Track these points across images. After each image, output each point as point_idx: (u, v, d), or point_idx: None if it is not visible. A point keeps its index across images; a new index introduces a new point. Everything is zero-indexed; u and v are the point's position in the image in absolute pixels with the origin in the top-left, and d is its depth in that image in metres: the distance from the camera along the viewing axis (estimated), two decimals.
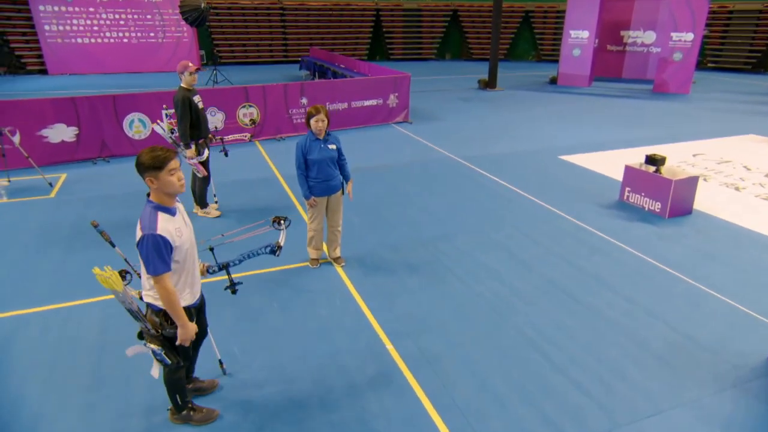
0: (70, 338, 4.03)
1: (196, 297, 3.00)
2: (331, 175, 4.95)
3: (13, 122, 8.14)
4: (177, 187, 2.72)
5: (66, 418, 3.25)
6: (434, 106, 14.02)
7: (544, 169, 8.52)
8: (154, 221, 2.66)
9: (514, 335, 4.17)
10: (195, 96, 6.08)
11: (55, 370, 3.68)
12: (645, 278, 5.08)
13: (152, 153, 2.67)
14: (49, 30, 20.23)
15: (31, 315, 4.32)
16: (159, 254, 2.65)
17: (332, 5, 24.36)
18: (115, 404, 3.36)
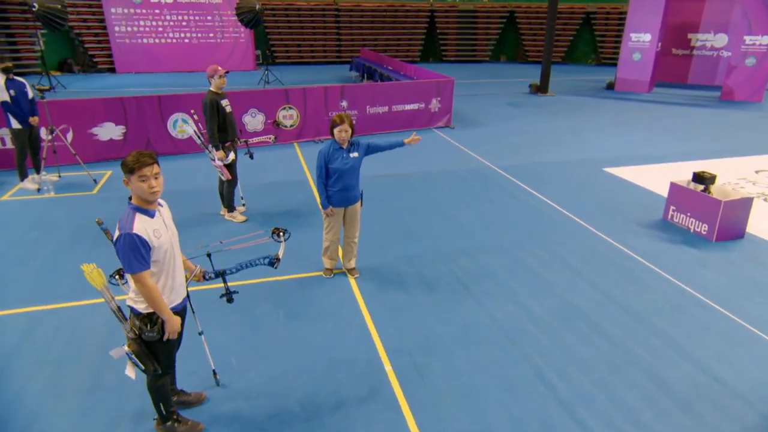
0: (79, 338, 4.15)
1: (174, 303, 2.97)
2: (350, 186, 4.85)
3: (67, 120, 8.61)
4: (146, 194, 2.74)
5: (60, 422, 3.33)
6: (480, 110, 13.67)
7: (585, 181, 8.07)
8: (131, 221, 2.70)
9: (521, 364, 3.92)
10: (223, 100, 6.16)
11: (60, 368, 3.80)
12: (678, 309, 4.66)
13: (132, 156, 2.71)
14: (118, 31, 21.40)
15: (48, 312, 4.51)
16: (135, 252, 2.67)
17: (386, 6, 24.36)
18: (108, 409, 3.41)
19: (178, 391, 3.43)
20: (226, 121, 6.19)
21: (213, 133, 6.08)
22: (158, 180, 2.78)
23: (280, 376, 3.75)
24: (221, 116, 6.11)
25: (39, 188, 7.47)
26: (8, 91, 7.19)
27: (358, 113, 10.81)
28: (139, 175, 2.69)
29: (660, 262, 5.49)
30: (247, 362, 3.89)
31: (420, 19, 24.72)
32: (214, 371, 3.65)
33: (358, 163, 4.81)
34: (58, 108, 8.55)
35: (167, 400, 3.13)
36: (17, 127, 7.36)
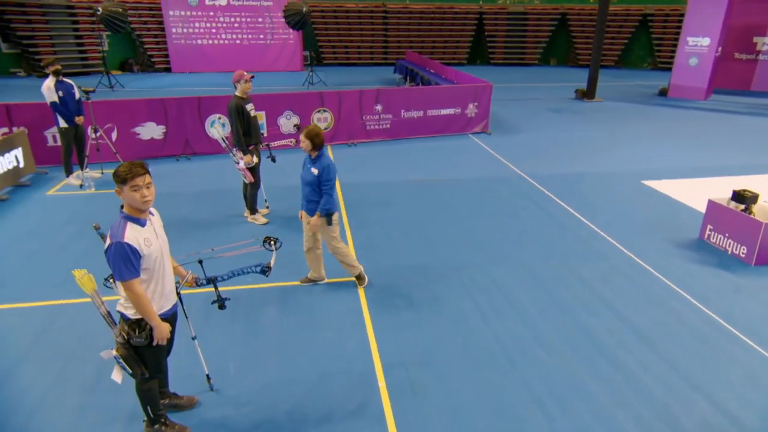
0: (92, 334, 4.34)
1: (163, 309, 3.05)
2: (305, 197, 4.81)
3: (113, 120, 9.07)
4: (138, 203, 2.82)
5: (59, 416, 3.49)
6: (520, 116, 13.34)
7: (619, 195, 7.70)
8: (122, 230, 2.78)
9: (519, 388, 3.78)
10: (248, 104, 6.28)
11: (70, 362, 3.98)
12: (701, 339, 4.36)
13: (124, 167, 2.79)
14: (175, 32, 22.33)
15: (69, 306, 4.74)
16: (125, 261, 2.75)
17: (434, 8, 24.21)
18: (105, 407, 3.54)
19: (171, 394, 3.51)
20: (250, 125, 6.32)
21: (239, 137, 6.21)
22: (150, 189, 2.86)
23: (272, 384, 3.78)
24: (245, 120, 6.24)
25: (82, 184, 7.90)
26: (57, 93, 7.64)
27: (393, 117, 10.78)
28: (132, 185, 2.77)
29: (688, 286, 5.16)
30: (243, 369, 3.94)
31: (468, 21, 24.42)
32: (208, 376, 3.72)
33: (314, 180, 4.66)
34: (105, 108, 9.01)
35: (155, 404, 3.21)
36: (64, 126, 7.81)
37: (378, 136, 10.81)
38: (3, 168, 7.66)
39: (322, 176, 4.61)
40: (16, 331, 4.35)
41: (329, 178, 4.61)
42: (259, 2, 22.23)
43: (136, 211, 2.87)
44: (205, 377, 3.72)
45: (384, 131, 10.83)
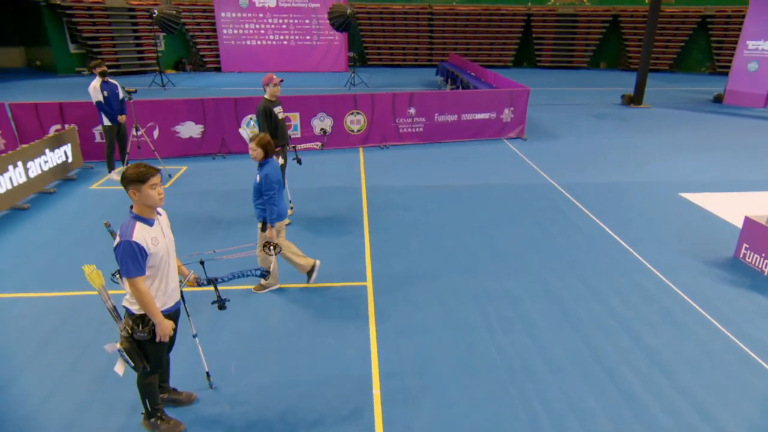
0: (110, 326, 4.57)
1: (167, 305, 3.18)
2: (253, 202, 4.85)
3: (155, 119, 9.50)
4: (156, 200, 2.96)
5: (66, 405, 3.71)
6: (560, 121, 12.98)
7: (654, 207, 7.37)
8: (131, 229, 2.91)
9: (516, 405, 3.70)
10: (276, 107, 6.43)
11: (86, 352, 4.21)
12: (718, 367, 4.12)
13: (137, 168, 2.91)
14: (226, 33, 23.10)
15: (92, 297, 5.00)
16: (133, 259, 2.89)
17: (481, 10, 23.92)
18: (109, 399, 3.71)
19: (170, 389, 3.65)
20: (278, 128, 6.46)
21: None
22: (161, 188, 3.01)
23: (269, 386, 3.86)
24: (273, 122, 6.38)
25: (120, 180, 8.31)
26: (102, 93, 8.07)
27: (426, 120, 10.74)
28: (150, 183, 2.91)
29: (713, 307, 4.89)
30: (244, 369, 4.05)
31: (515, 23, 23.98)
32: (208, 374, 3.84)
33: (257, 186, 4.71)
34: (148, 107, 9.46)
35: (153, 398, 3.35)
36: (108, 124, 8.24)
37: (411, 139, 10.80)
38: (53, 163, 8.18)
39: (262, 185, 4.64)
40: (42, 319, 4.64)
41: (269, 188, 4.62)
42: (307, 4, 22.66)
43: (146, 211, 3.01)
44: (205, 375, 3.85)
45: (417, 134, 10.81)
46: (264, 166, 4.66)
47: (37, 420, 3.51)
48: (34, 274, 5.43)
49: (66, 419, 3.51)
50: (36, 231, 6.50)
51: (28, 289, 5.11)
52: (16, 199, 7.22)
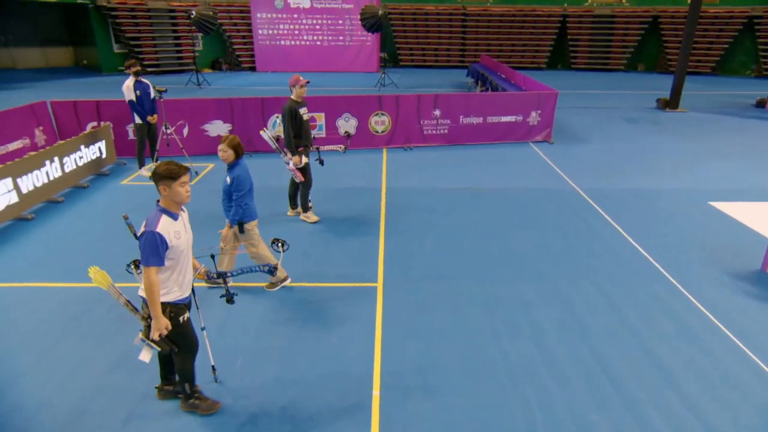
0: (127, 317, 4.75)
1: (183, 296, 3.35)
2: (223, 205, 4.92)
3: (185, 117, 9.80)
4: (184, 197, 3.16)
5: (79, 392, 3.89)
6: (590, 125, 12.70)
7: (680, 215, 7.14)
8: (157, 221, 3.09)
9: (516, 412, 3.66)
10: (302, 108, 6.46)
11: (101, 341, 4.40)
12: (731, 383, 3.98)
13: (169, 166, 3.10)
14: (261, 34, 23.55)
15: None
16: (154, 249, 3.06)
17: (515, 11, 23.62)
18: (119, 388, 3.89)
19: (176, 381, 3.75)
20: (302, 128, 6.50)
21: (289, 138, 6.41)
22: (189, 186, 3.20)
23: (272, 382, 3.93)
24: (298, 123, 6.43)
25: (151, 177, 8.61)
26: (135, 92, 8.38)
27: (451, 122, 10.71)
28: (181, 181, 3.11)
29: (732, 321, 4.72)
30: (249, 364, 4.14)
31: (550, 25, 23.57)
32: (213, 367, 3.95)
33: (227, 188, 4.76)
34: (179, 106, 9.77)
35: (191, 381, 3.55)
36: (139, 122, 8.56)
37: (435, 141, 10.78)
38: (87, 158, 8.55)
39: (232, 186, 4.68)
40: (64, 309, 4.87)
41: (239, 188, 4.68)
42: (340, 5, 22.87)
43: (172, 206, 3.19)
44: (210, 368, 3.96)
45: (441, 136, 10.79)
46: (234, 168, 4.70)
47: (51, 405, 3.70)
48: (61, 264, 5.69)
49: (78, 406, 3.69)
50: (68, 223, 6.82)
51: (55, 279, 5.37)
52: (51, 192, 7.58)
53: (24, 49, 23.80)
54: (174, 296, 3.28)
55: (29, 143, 8.98)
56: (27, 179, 7.11)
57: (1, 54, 22.85)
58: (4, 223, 6.69)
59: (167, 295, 3.25)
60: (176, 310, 3.31)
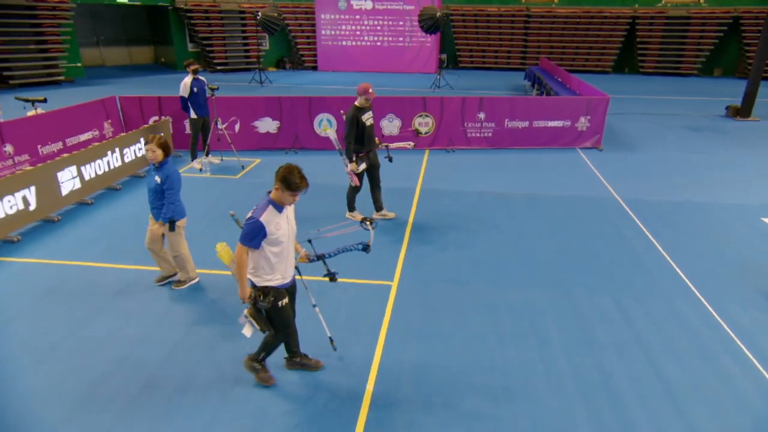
0: (149, 294, 5.18)
1: (286, 280, 3.68)
2: (151, 203, 4.98)
3: (238, 114, 10.34)
4: (290, 202, 3.51)
5: (180, 370, 4.29)
6: (647, 132, 12.12)
7: (725, 231, 6.73)
8: (263, 211, 3.42)
9: (504, 422, 3.65)
10: (365, 113, 6.49)
11: (130, 320, 4.83)
12: (743, 408, 3.76)
13: (293, 176, 3.37)
14: (324, 34, 24.23)
15: (145, 271, 5.67)
16: (252, 234, 3.41)
17: (581, 12, 22.82)
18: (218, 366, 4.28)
19: (302, 354, 4.10)
20: (365, 134, 6.54)
21: (349, 144, 6.50)
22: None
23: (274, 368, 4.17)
24: (360, 129, 6.48)
25: (202, 168, 9.20)
26: (192, 89, 8.96)
27: (496, 126, 10.60)
28: (294, 194, 3.42)
29: (756, 343, 4.44)
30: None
31: (618, 27, 22.58)
32: (330, 338, 4.26)
33: (157, 187, 4.82)
34: (232, 103, 10.31)
35: (267, 353, 3.89)
36: (194, 117, 9.14)
37: (478, 144, 10.72)
38: (144, 150, 9.23)
39: (165, 184, 4.77)
40: (108, 286, 5.34)
41: (171, 187, 4.78)
42: (402, 6, 23.08)
43: (280, 202, 3.48)
44: (328, 339, 4.25)
45: (485, 139, 10.70)
46: (164, 167, 4.82)
47: (171, 362, 4.12)
48: (109, 247, 6.23)
49: (188, 372, 4.09)
50: (121, 209, 7.43)
51: (102, 260, 5.88)
52: (111, 180, 8.27)
53: (112, 48, 25.87)
54: (276, 282, 3.60)
55: (98, 134, 9.83)
56: (90, 167, 7.82)
57: (93, 53, 24.94)
58: (67, 206, 7.40)
59: (270, 281, 3.59)
60: (277, 294, 3.61)
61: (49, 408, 3.74)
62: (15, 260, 5.88)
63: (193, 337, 4.53)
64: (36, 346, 4.38)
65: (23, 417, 3.66)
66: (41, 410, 3.72)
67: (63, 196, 7.26)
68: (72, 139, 9.25)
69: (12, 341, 4.46)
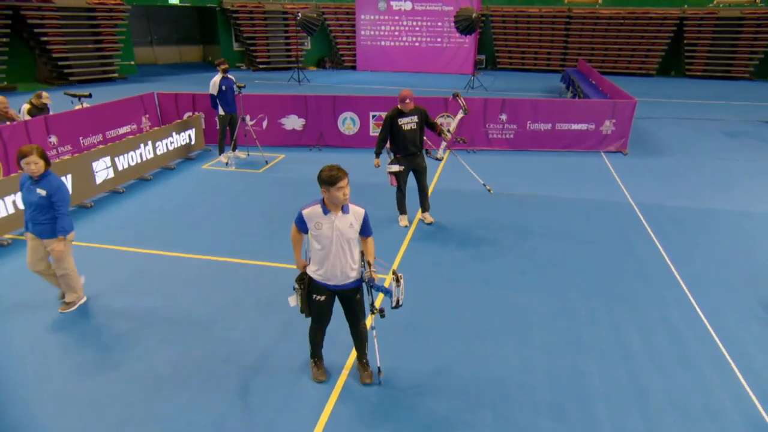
0: (164, 281, 5.57)
1: (327, 281, 3.73)
2: (34, 219, 4.57)
3: (266, 111, 10.77)
4: (341, 199, 3.52)
5: (254, 351, 4.69)
6: (680, 137, 11.75)
7: (738, 240, 6.53)
8: (309, 205, 3.66)
9: (462, 416, 3.77)
10: (404, 117, 6.55)
11: (152, 296, 5.22)
12: (718, 425, 3.74)
13: (330, 171, 3.47)
14: (364, 34, 24.59)
15: (166, 257, 6.09)
16: (299, 221, 3.71)
17: (626, 13, 22.18)
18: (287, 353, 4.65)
19: (364, 362, 4.13)
20: (399, 137, 6.59)
21: (378, 142, 6.68)
22: (347, 189, 3.54)
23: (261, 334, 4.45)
24: (394, 132, 6.58)
25: (227, 162, 9.66)
26: (221, 87, 9.43)
27: (518, 128, 10.57)
28: (338, 186, 3.47)
29: (744, 355, 4.35)
30: (251, 332, 4.68)
31: (665, 28, 21.79)
32: (379, 368, 4.08)
33: (42, 200, 4.46)
34: (261, 100, 10.74)
35: (312, 346, 4.08)
36: (222, 113, 9.61)
37: (499, 145, 10.72)
38: (178, 144, 9.78)
39: (54, 197, 4.44)
40: (136, 269, 5.79)
41: (63, 198, 4.48)
42: (441, 7, 23.12)
43: (330, 205, 3.57)
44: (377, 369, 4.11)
45: (506, 141, 10.69)
46: (47, 178, 4.48)
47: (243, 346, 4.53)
48: (135, 233, 6.69)
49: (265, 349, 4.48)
50: (150, 199, 7.93)
51: (128, 244, 6.33)
52: (143, 171, 8.83)
53: (164, 47, 27.17)
54: (316, 275, 3.74)
55: (136, 128, 10.48)
56: (123, 158, 8.38)
57: (147, 51, 26.29)
58: (101, 194, 7.97)
59: (313, 273, 3.76)
60: (312, 285, 3.79)
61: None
62: None
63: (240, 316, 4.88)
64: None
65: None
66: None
67: (97, 184, 7.84)
68: (111, 132, 9.91)
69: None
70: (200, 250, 6.16)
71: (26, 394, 3.90)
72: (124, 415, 3.71)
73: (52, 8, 18.28)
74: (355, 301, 3.89)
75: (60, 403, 3.82)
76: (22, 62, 18.42)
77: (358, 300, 3.90)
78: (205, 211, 7.42)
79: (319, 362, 4.14)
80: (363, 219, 3.71)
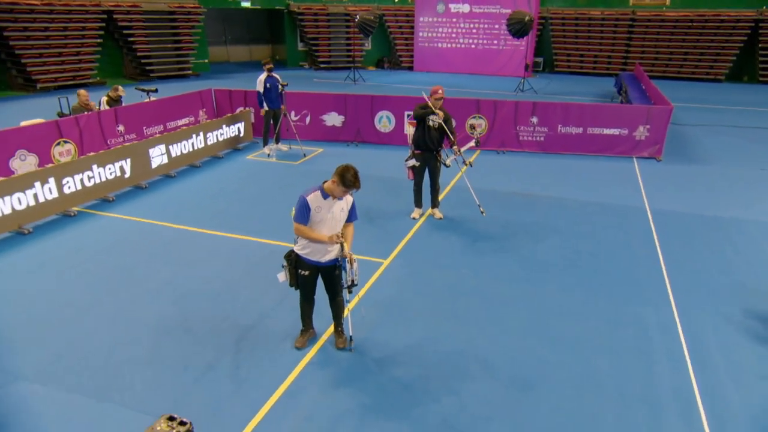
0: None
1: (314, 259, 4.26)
2: None
3: (309, 107, 11.59)
4: (338, 195, 4.08)
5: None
6: (725, 145, 11.38)
7: (746, 249, 6.49)
8: (311, 192, 4.12)
9: (421, 403, 4.23)
10: (431, 115, 6.95)
11: (184, 268, 6.08)
12: (656, 413, 3.99)
13: (353, 178, 3.96)
14: (422, 36, 25.09)
15: (201, 234, 6.96)
16: (300, 211, 4.13)
17: (694, 16, 21.21)
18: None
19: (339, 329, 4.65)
20: (424, 133, 6.99)
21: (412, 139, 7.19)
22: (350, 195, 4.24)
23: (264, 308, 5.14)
24: (421, 127, 7.01)
25: (269, 154, 10.55)
26: (266, 85, 10.31)
27: (548, 131, 10.72)
28: (345, 190, 4.03)
29: (706, 358, 4.51)
30: (248, 305, 5.40)
31: (738, 31, 20.64)
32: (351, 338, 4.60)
33: None
34: (305, 98, 11.57)
35: (301, 316, 4.62)
36: (266, 109, 10.50)
37: (530, 147, 10.91)
38: (227, 135, 10.79)
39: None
40: (177, 243, 6.71)
41: None
42: (498, 9, 23.15)
43: (329, 192, 4.10)
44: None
45: (537, 143, 10.87)
46: None
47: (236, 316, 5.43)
48: (179, 210, 7.62)
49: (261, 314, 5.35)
50: (197, 184, 8.91)
51: (171, 221, 7.24)
52: (193, 159, 9.86)
53: (236, 47, 29.06)
54: (304, 252, 4.26)
55: (193, 120, 11.63)
56: (176, 147, 9.44)
57: (221, 50, 28.24)
58: (155, 177, 9.05)
59: (301, 249, 4.27)
60: (299, 262, 4.31)
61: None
62: (108, 214, 7.49)
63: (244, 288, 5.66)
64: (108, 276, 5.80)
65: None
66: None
67: (152, 168, 8.92)
68: (171, 123, 11.10)
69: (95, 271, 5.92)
70: (228, 228, 6.97)
71: None
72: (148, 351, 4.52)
73: (139, 12, 20.28)
74: (334, 277, 4.45)
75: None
76: (112, 60, 20.54)
77: (337, 276, 4.46)
78: (240, 196, 8.28)
79: (304, 331, 4.65)
80: (351, 205, 4.30)
